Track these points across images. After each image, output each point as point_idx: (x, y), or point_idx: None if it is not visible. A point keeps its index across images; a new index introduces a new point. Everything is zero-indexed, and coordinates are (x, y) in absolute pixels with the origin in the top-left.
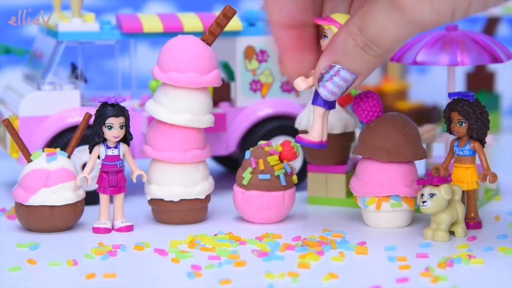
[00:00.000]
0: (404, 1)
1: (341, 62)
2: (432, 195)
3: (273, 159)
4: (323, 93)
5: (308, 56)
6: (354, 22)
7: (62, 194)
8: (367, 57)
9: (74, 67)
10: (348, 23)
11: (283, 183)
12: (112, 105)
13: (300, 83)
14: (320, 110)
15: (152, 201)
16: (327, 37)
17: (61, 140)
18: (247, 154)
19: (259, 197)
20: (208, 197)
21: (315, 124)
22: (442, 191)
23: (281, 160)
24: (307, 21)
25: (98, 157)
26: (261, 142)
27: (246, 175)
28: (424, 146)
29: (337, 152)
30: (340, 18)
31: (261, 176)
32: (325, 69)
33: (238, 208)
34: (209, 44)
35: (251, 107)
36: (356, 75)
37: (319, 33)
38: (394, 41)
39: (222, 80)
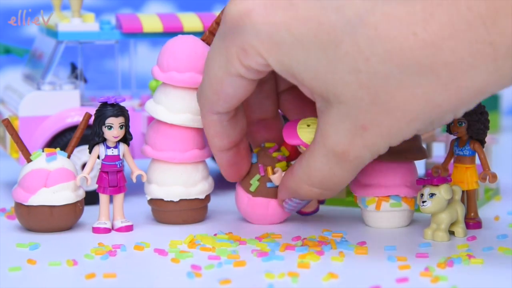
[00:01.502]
0: (346, 152)
1: (297, 197)
2: (432, 195)
3: (282, 166)
4: (286, 209)
5: (244, 165)
6: (300, 177)
7: (62, 194)
8: (322, 195)
9: (74, 67)
10: (293, 174)
11: None
12: (112, 105)
13: (275, 180)
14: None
15: (152, 201)
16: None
17: (61, 140)
18: (254, 158)
19: (265, 204)
20: (208, 197)
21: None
22: (442, 191)
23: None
24: (243, 138)
25: (98, 157)
26: (267, 145)
27: (254, 182)
28: (424, 146)
29: None
30: (306, 134)
31: (269, 184)
32: (283, 202)
33: (242, 210)
34: (209, 44)
35: None
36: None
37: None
38: (345, 182)
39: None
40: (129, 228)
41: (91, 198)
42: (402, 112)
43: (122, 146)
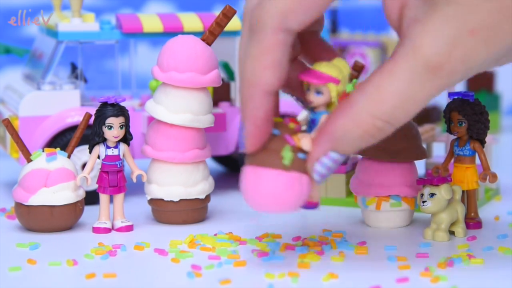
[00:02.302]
0: (442, 64)
1: (339, 150)
2: (432, 195)
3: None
4: (317, 178)
5: (269, 128)
6: (361, 107)
7: (62, 194)
8: (371, 140)
9: (74, 67)
10: (351, 105)
11: None
12: (112, 105)
13: (307, 146)
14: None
15: (152, 201)
16: (322, 94)
17: (61, 140)
18: (274, 130)
19: (298, 180)
20: (208, 197)
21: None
22: (442, 191)
23: None
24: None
25: (98, 157)
26: (276, 119)
27: (286, 153)
28: (424, 146)
29: None
30: (329, 69)
31: (300, 155)
32: (321, 158)
33: (265, 196)
34: (209, 44)
35: None
36: (348, 155)
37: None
38: (415, 112)
39: (222, 80)
40: (129, 228)
41: (91, 198)
42: None
43: (122, 146)
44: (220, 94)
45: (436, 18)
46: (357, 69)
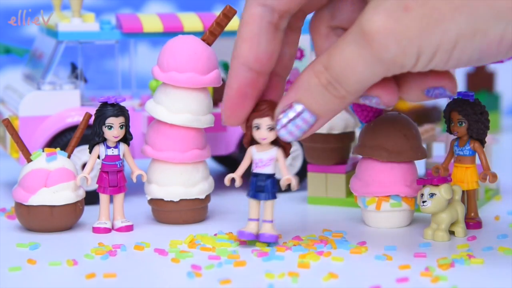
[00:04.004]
0: (374, 34)
1: (302, 101)
2: (432, 195)
3: None
4: (282, 133)
5: (249, 107)
6: (320, 60)
7: (62, 194)
8: (329, 97)
9: (74, 67)
10: (314, 61)
11: None
12: (112, 105)
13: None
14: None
15: (152, 201)
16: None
17: (61, 140)
18: None
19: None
20: (208, 197)
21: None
22: (442, 191)
23: None
24: (269, 69)
25: (98, 157)
26: None
27: None
28: (424, 146)
29: (337, 152)
30: None
31: None
32: (286, 107)
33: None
34: (209, 44)
35: None
36: (317, 117)
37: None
38: (357, 81)
39: (222, 80)
40: (129, 228)
41: (91, 198)
42: None
43: (122, 146)
44: (220, 94)
45: None
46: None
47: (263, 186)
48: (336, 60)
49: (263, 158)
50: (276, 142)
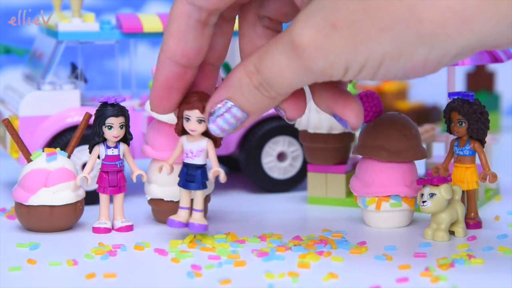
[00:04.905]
0: (303, 47)
1: (233, 99)
2: (432, 195)
3: None
4: (212, 128)
5: (177, 99)
6: (252, 60)
7: (62, 194)
8: (260, 97)
9: (74, 67)
10: (246, 60)
11: None
12: (112, 105)
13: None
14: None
15: (152, 201)
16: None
17: (61, 140)
18: None
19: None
20: (208, 197)
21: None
22: (442, 191)
23: None
24: (197, 62)
25: (98, 157)
26: None
27: None
28: (424, 146)
29: (337, 152)
30: None
31: None
32: (217, 104)
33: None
34: None
35: None
36: (248, 114)
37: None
38: (288, 86)
39: (222, 80)
40: (129, 228)
41: (91, 198)
42: (380, 13)
43: (122, 146)
44: None
45: (312, 5)
46: None
47: (193, 176)
48: (268, 66)
49: (193, 149)
50: (207, 133)
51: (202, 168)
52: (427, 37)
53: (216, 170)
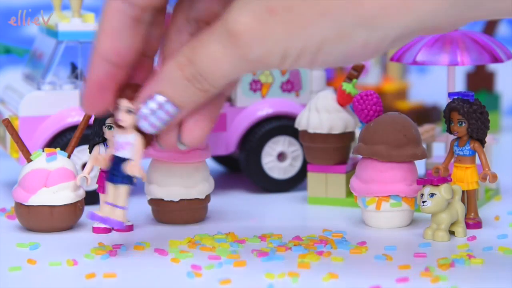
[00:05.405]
0: (239, 34)
1: (165, 93)
2: (432, 195)
3: None
4: (143, 124)
5: (112, 97)
6: (183, 52)
7: (62, 194)
8: (193, 90)
9: (74, 67)
10: (177, 53)
11: None
12: None
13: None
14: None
15: (152, 201)
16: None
17: (61, 140)
18: None
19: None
20: (208, 197)
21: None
22: (442, 191)
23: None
24: (131, 61)
25: None
26: None
27: None
28: (424, 146)
29: (337, 152)
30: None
31: None
32: (147, 99)
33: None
34: None
35: (251, 107)
36: (180, 109)
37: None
38: (223, 77)
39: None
40: (129, 228)
41: (91, 198)
42: None
43: None
44: None
45: None
46: (357, 69)
47: (118, 170)
48: (202, 56)
49: (119, 141)
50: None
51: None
52: (367, 19)
53: (132, 164)
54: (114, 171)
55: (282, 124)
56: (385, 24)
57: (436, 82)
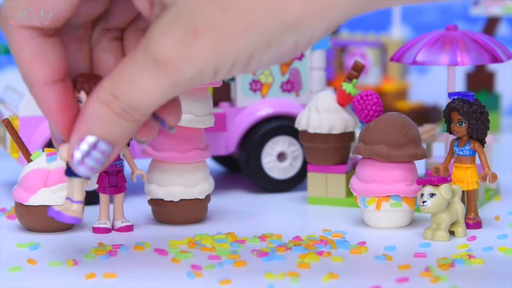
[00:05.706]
0: (167, 61)
1: (95, 132)
2: (432, 195)
3: None
4: (82, 170)
5: (76, 108)
6: (105, 88)
7: (62, 194)
8: (124, 123)
9: None
10: (98, 89)
11: None
12: None
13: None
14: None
15: (152, 201)
16: None
17: None
18: None
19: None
20: (208, 197)
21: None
22: (442, 191)
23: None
24: (71, 69)
25: None
26: None
27: None
28: (424, 146)
29: (337, 152)
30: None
31: None
32: (78, 143)
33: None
34: None
35: (251, 107)
36: (113, 145)
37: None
38: (155, 104)
39: (222, 80)
40: (129, 228)
41: (91, 198)
42: (240, 12)
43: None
44: (220, 94)
45: (166, 16)
46: (357, 69)
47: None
48: (128, 89)
49: None
50: None
51: None
52: (293, 25)
53: (63, 148)
54: (67, 164)
55: (282, 124)
56: (312, 25)
57: (436, 82)
